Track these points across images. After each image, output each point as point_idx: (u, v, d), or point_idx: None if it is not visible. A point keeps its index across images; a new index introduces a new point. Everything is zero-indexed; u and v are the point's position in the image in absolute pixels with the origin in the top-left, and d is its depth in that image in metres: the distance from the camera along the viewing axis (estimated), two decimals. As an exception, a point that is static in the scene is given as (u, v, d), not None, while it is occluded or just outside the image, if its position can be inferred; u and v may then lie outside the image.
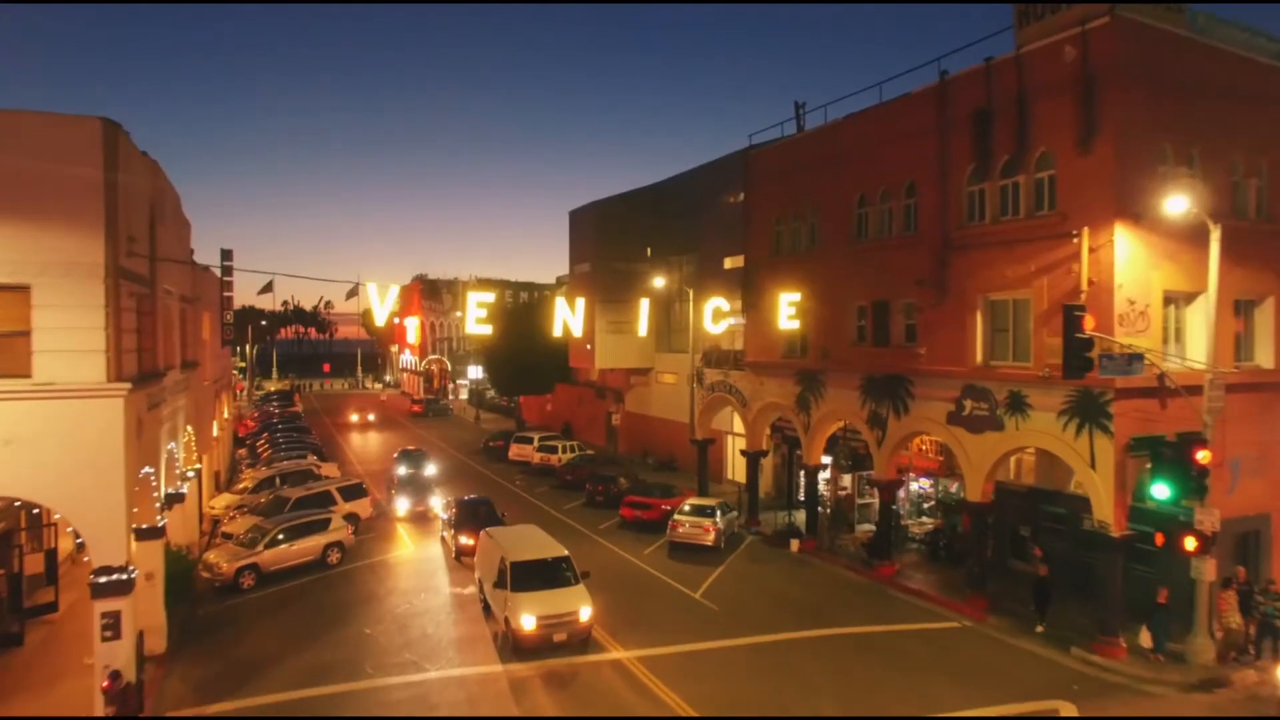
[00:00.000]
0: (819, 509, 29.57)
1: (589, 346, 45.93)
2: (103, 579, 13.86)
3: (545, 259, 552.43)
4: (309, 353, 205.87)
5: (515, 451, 45.41)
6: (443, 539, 28.71)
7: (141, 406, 16.26)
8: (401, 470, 39.09)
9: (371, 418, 62.36)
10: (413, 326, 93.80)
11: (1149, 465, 18.29)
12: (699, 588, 23.91)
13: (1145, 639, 18.10)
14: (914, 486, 29.69)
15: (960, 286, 22.51)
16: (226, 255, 40.42)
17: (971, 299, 22.22)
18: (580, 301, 21.73)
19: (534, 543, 21.11)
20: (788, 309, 25.80)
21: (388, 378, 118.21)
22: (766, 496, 34.94)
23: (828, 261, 27.67)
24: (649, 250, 46.38)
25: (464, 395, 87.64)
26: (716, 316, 29.08)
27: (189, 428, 25.42)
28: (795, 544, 28.64)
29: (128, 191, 15.17)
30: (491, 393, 74.04)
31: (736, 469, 40.30)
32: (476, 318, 19.12)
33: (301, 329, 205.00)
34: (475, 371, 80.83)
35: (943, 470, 27.87)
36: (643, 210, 46.02)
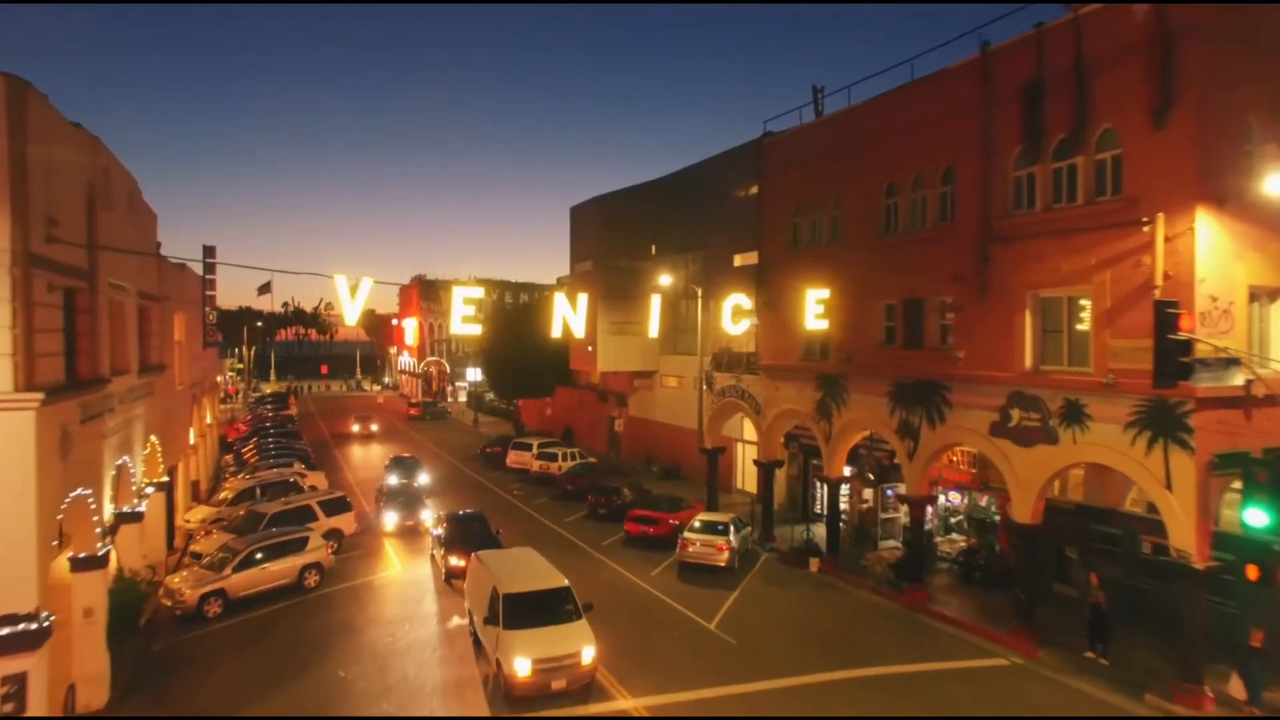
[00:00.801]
0: (840, 525, 27.08)
1: (590, 348, 43.44)
2: (1, 631, 11.35)
3: (546, 259, 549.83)
4: (309, 354, 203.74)
5: (513, 459, 42.92)
6: (433, 557, 26.23)
7: (70, 419, 13.79)
8: (392, 480, 36.64)
9: (365, 427, 58.31)
10: (411, 328, 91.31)
11: (1237, 485, 15.80)
12: (713, 616, 21.42)
13: (1237, 688, 15.60)
14: (942, 500, 27.20)
15: (1005, 282, 20.02)
16: (209, 251, 37.98)
17: (1018, 296, 19.73)
18: (582, 299, 19.21)
19: (530, 570, 18.61)
20: (815, 307, 23.28)
21: (386, 379, 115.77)
22: (780, 508, 32.46)
23: (852, 256, 25.19)
24: (654, 248, 43.90)
25: (462, 398, 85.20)
26: (736, 315, 26.38)
27: (152, 438, 22.97)
28: (815, 563, 26.16)
29: (46, 165, 12.70)
30: (490, 395, 71.63)
31: (747, 478, 37.86)
32: (463, 316, 16.67)
33: (301, 330, 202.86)
34: (474, 374, 78.39)
35: (976, 483, 25.37)
36: (647, 206, 43.58)
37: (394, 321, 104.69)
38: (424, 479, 37.51)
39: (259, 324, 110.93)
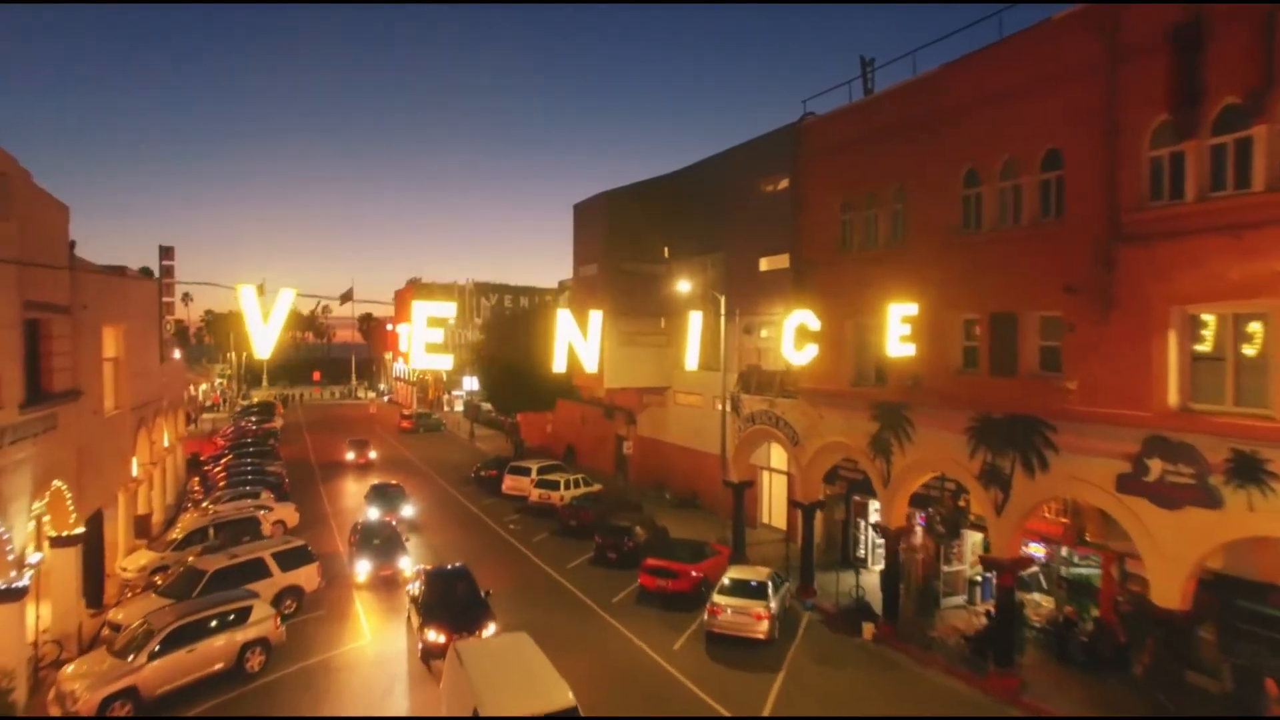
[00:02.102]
0: (898, 583, 22.40)
1: (596, 362, 38.76)
2: None
3: (547, 260, 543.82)
4: (306, 357, 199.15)
5: (510, 484, 38.25)
6: (408, 620, 21.58)
7: None
8: (371, 513, 31.99)
9: (362, 455, 48.75)
10: (405, 334, 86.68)
11: None
12: (757, 712, 16.77)
13: None
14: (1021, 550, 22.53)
15: (1139, 295, 15.37)
16: (165, 253, 33.52)
17: (1159, 312, 15.08)
18: (595, 317, 14.63)
19: (524, 677, 13.92)
20: (900, 327, 18.59)
21: (381, 385, 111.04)
22: (816, 548, 27.81)
23: (919, 261, 20.52)
24: (666, 250, 39.23)
25: (459, 407, 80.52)
26: (800, 340, 20.66)
27: (57, 483, 18.33)
28: (869, 629, 21.52)
29: None
30: (488, 405, 66.95)
31: (774, 511, 33.24)
32: (428, 344, 12.13)
33: (297, 334, 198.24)
34: (471, 383, 73.73)
35: (1069, 537, 20.68)
36: (659, 203, 38.94)
37: (389, 327, 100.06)
38: (408, 511, 32.83)
39: (245, 330, 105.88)
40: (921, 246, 20.55)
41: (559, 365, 14.13)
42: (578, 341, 14.07)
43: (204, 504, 32.59)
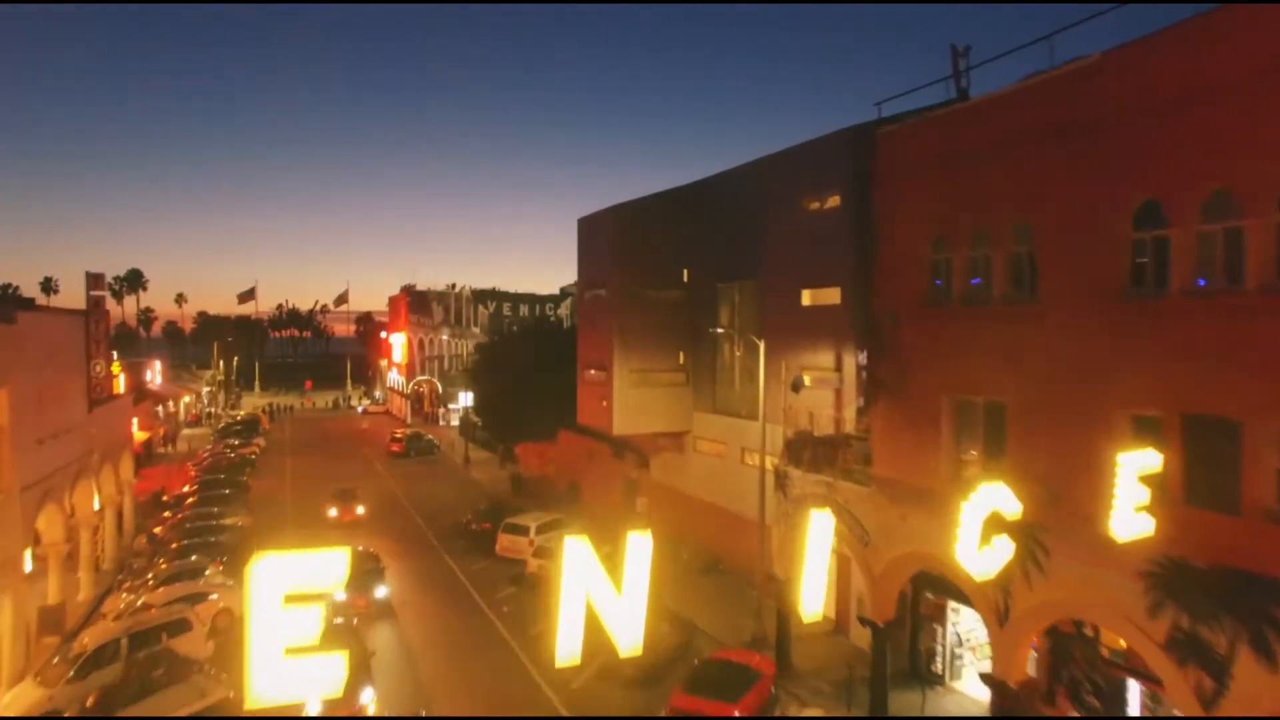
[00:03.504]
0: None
1: (604, 402, 32.91)
2: None
3: (547, 264, 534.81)
4: (305, 354, 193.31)
5: (505, 544, 32.42)
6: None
7: None
8: (339, 595, 26.18)
9: (347, 511, 38.35)
10: (399, 344, 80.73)
11: None
12: None
13: None
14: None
15: None
16: (94, 281, 27.67)
17: None
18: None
19: None
20: (1135, 492, 12.25)
21: (377, 393, 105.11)
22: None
23: (1059, 328, 14.60)
24: (685, 272, 33.28)
25: (455, 421, 74.69)
26: (990, 533, 13.05)
27: None
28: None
29: None
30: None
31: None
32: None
33: (296, 331, 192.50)
34: (467, 398, 67.89)
35: None
36: (676, 219, 32.98)
37: (383, 334, 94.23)
38: (382, 592, 26.99)
39: (229, 339, 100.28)
40: (1061, 308, 14.60)
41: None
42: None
43: (142, 583, 26.78)
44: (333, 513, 38.23)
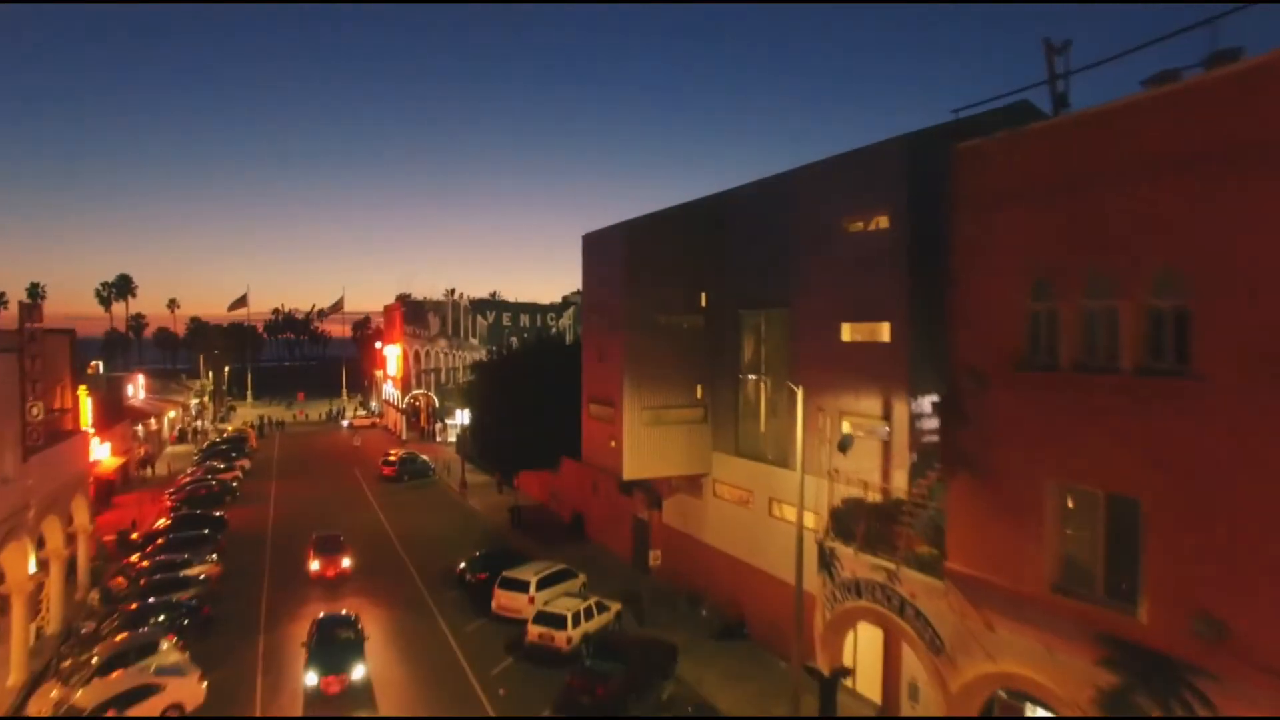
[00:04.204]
0: None
1: (613, 442, 29.36)
2: None
3: (550, 270, 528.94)
4: (301, 360, 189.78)
5: (502, 601, 28.87)
6: None
7: None
8: (308, 679, 22.69)
9: (330, 565, 33.10)
10: (393, 356, 77.07)
11: None
12: None
13: None
14: None
15: None
16: (29, 312, 24.50)
17: None
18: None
19: None
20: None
21: (373, 404, 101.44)
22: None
23: (1227, 410, 11.02)
24: (704, 296, 29.71)
25: (452, 437, 71.06)
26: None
27: None
28: None
29: None
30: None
31: (863, 659, 23.72)
32: None
33: (293, 334, 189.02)
34: (464, 416, 64.32)
35: None
36: (695, 237, 29.43)
37: (377, 344, 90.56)
38: (360, 672, 23.39)
39: (222, 346, 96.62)
40: (1230, 386, 11.02)
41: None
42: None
43: (84, 662, 23.22)
44: (314, 566, 33.20)
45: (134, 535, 39.34)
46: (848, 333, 23.14)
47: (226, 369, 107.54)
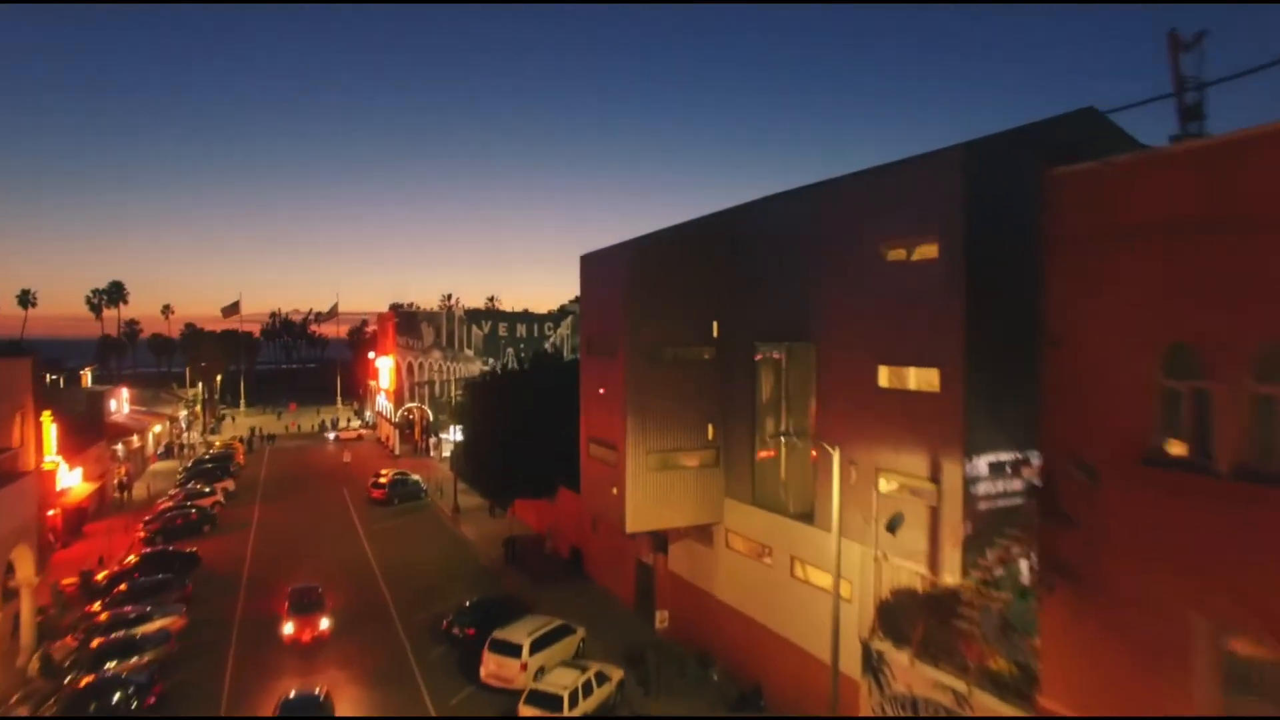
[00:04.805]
0: None
1: (614, 489, 26.04)
2: None
3: (546, 274, 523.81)
4: (298, 362, 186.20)
5: (491, 669, 25.51)
6: None
7: None
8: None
9: (307, 626, 28.72)
10: (386, 368, 73.68)
11: None
12: None
13: None
14: None
15: None
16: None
17: None
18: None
19: None
20: None
21: (368, 413, 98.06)
22: None
23: None
24: (715, 325, 26.39)
25: (447, 452, 67.73)
26: None
27: None
28: None
29: None
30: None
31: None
32: None
33: (289, 338, 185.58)
34: (458, 433, 60.99)
35: None
36: (706, 258, 26.12)
37: (370, 355, 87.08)
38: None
39: (215, 352, 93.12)
40: None
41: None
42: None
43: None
44: (288, 629, 28.59)
45: (99, 576, 35.98)
46: (886, 377, 19.82)
47: (219, 377, 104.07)
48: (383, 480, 54.23)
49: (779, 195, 24.88)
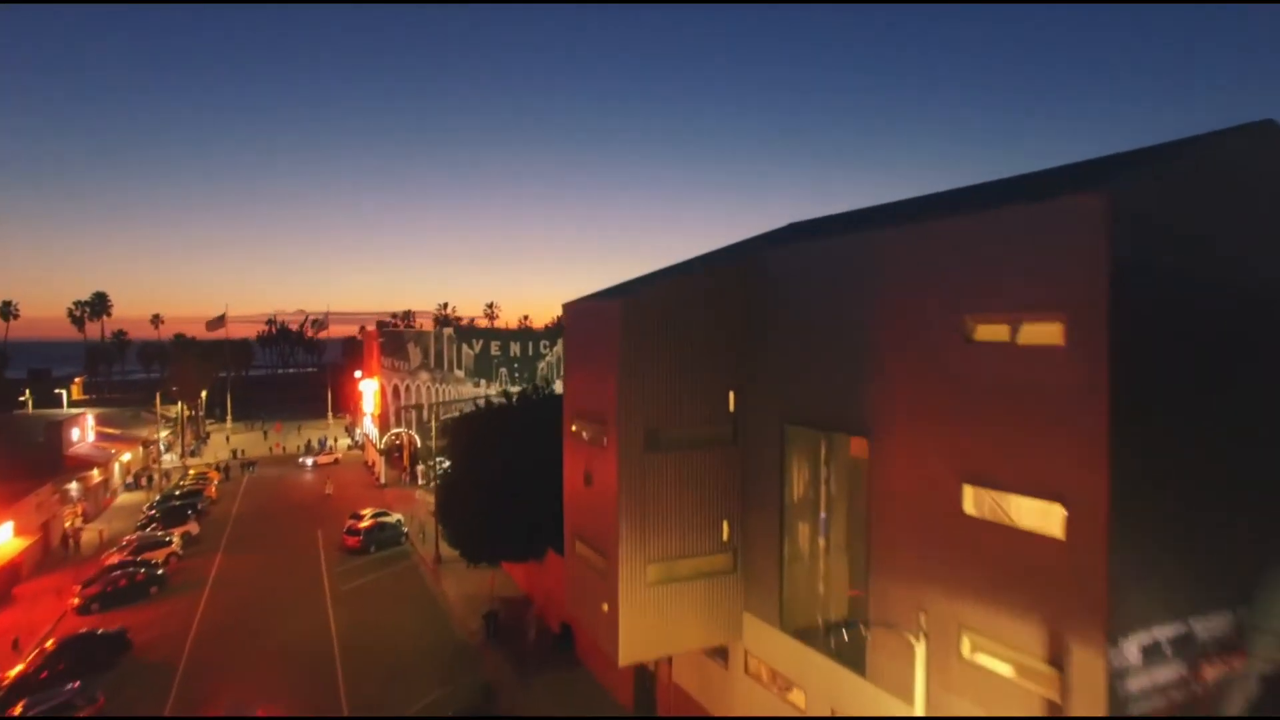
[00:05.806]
0: None
1: (604, 606, 20.38)
2: None
3: (547, 276, 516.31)
4: (296, 366, 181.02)
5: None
6: None
7: None
8: None
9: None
10: (370, 391, 68.06)
11: None
12: None
13: None
14: None
15: None
16: None
17: None
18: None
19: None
20: None
21: (357, 433, 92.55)
22: None
23: None
24: (731, 396, 20.66)
25: (435, 480, 62.19)
26: None
27: None
28: None
29: None
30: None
31: None
32: None
33: (287, 347, 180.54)
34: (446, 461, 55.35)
35: None
36: (718, 311, 20.43)
37: (356, 374, 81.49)
38: None
39: (179, 384, 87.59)
40: None
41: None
42: None
43: None
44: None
45: (5, 675, 30.09)
46: (974, 502, 14.13)
47: (204, 393, 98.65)
48: (359, 526, 48.58)
49: (820, 235, 19.20)
